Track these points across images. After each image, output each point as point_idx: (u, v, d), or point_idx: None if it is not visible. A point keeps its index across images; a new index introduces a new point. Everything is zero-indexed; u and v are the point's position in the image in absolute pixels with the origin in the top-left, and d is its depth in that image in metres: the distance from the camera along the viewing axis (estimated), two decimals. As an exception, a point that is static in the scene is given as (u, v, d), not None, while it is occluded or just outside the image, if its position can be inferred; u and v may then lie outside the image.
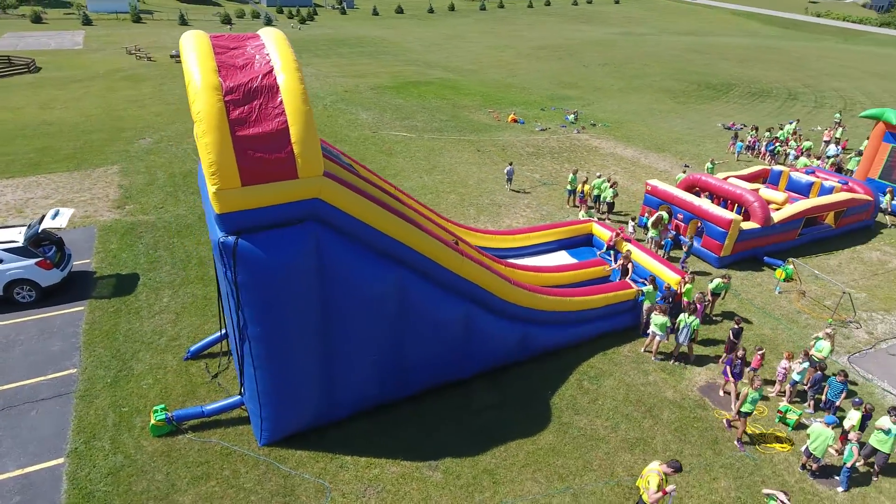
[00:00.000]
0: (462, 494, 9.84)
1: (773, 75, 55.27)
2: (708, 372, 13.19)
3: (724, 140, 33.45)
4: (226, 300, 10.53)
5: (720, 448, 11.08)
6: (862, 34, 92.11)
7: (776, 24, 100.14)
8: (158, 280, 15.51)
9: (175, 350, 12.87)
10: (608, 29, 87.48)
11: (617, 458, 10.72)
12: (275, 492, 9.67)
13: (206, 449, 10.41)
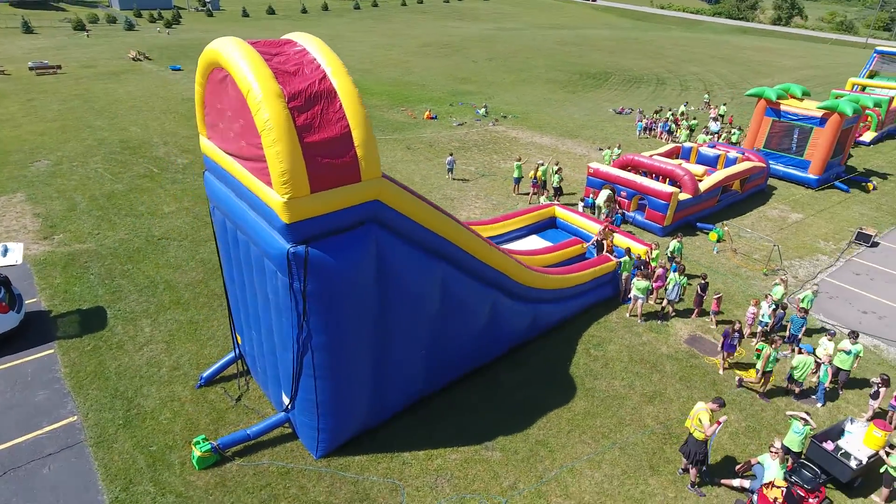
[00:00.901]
0: (525, 467, 10.43)
1: (641, 63, 61.11)
2: (685, 326, 14.88)
3: (620, 124, 36.71)
4: (259, 315, 10.20)
5: (720, 388, 12.70)
6: (699, 23, 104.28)
7: (629, 16, 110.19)
8: (129, 310, 14.26)
9: (181, 380, 12.05)
10: (483, 25, 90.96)
11: (643, 411, 11.90)
12: (349, 499, 9.61)
13: (261, 472, 10.02)
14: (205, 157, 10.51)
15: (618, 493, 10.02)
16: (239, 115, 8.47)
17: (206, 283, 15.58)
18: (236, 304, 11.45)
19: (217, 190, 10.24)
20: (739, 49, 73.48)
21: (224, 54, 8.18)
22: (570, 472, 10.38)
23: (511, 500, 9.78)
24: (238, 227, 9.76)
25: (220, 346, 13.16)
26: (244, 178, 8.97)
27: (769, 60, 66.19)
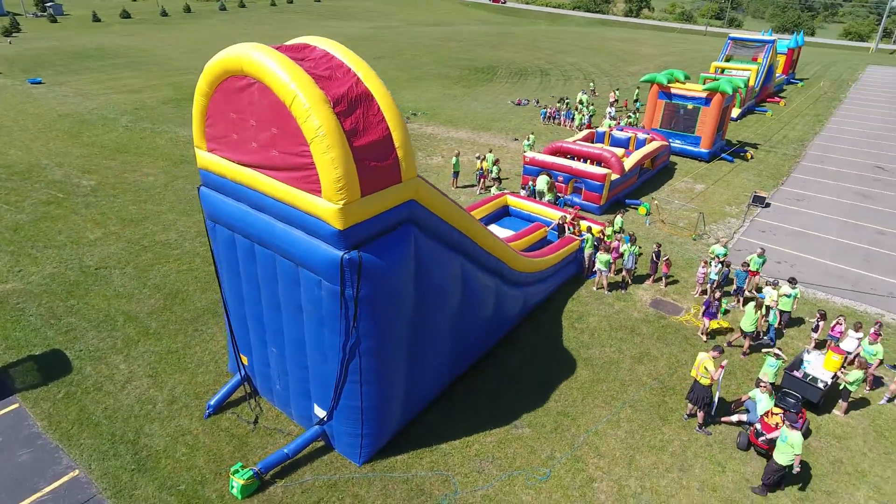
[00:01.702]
0: (555, 438, 11.13)
1: (522, 56, 64.27)
2: (646, 292, 16.42)
3: (523, 114, 38.61)
4: (284, 330, 9.90)
5: (693, 341, 14.28)
6: (563, 17, 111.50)
7: (500, 11, 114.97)
8: (93, 349, 12.93)
9: (184, 412, 11.26)
10: (361, 24, 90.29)
11: (637, 371, 13.09)
12: (407, 497, 9.70)
13: (308, 489, 9.78)
14: (203, 173, 9.93)
15: (641, 445, 11.04)
16: (270, 123, 8.19)
17: (171, 310, 14.50)
18: (243, 322, 10.92)
19: (224, 205, 9.74)
20: (605, 40, 79.75)
21: (255, 61, 7.87)
22: (596, 434, 11.25)
23: (553, 469, 10.43)
24: (259, 241, 9.38)
25: (212, 371, 12.42)
26: (272, 189, 8.68)
27: (632, 49, 72.60)
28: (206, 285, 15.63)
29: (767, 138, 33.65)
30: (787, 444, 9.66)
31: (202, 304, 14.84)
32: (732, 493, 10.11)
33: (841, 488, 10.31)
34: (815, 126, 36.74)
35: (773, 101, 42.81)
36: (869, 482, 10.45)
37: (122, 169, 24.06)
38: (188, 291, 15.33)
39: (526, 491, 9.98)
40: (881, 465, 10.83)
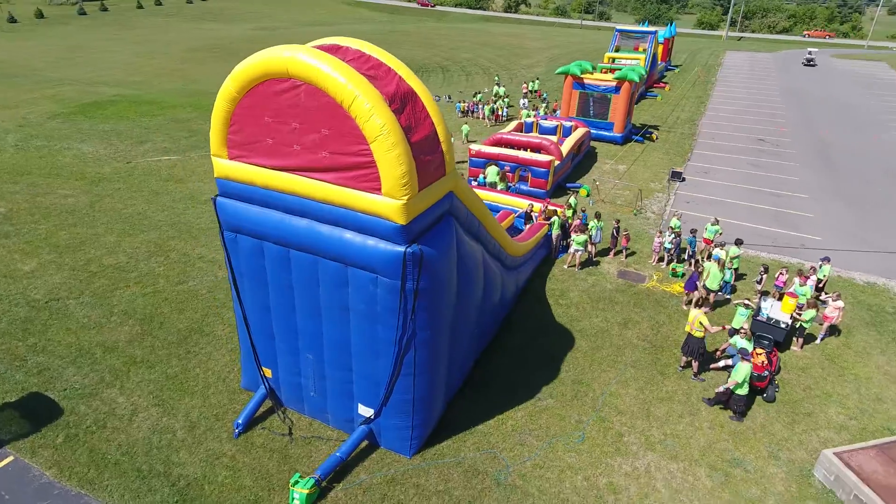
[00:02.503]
0: (578, 403, 11.99)
1: (419, 54, 65.10)
2: (609, 265, 17.83)
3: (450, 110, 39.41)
4: (324, 333, 9.85)
5: (665, 302, 15.82)
6: (446, 14, 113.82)
7: (382, 10, 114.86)
8: (78, 386, 11.83)
9: (210, 436, 10.75)
10: (244, 25, 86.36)
11: (626, 335, 14.32)
12: (465, 479, 10.07)
13: (369, 488, 9.83)
14: (222, 182, 9.57)
15: (652, 398, 12.21)
16: (320, 125, 8.17)
17: (153, 335, 13.55)
18: (267, 334, 10.62)
19: (250, 214, 9.46)
20: (493, 35, 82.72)
21: (305, 63, 7.83)
22: (612, 395, 12.26)
23: (585, 431, 11.27)
24: (298, 246, 9.24)
25: (224, 391, 11.88)
26: (317, 191, 8.64)
27: (520, 44, 76.04)
28: (181, 305, 14.74)
29: (663, 120, 37.16)
30: (735, 370, 11.32)
31: (184, 325, 14.01)
32: (737, 425, 11.55)
33: (817, 409, 12.13)
34: (699, 107, 41.08)
35: (660, 86, 47.15)
36: (835, 400, 12.38)
37: (32, 193, 21.62)
38: (164, 314, 14.37)
39: (568, 454, 10.73)
40: (840, 386, 12.84)
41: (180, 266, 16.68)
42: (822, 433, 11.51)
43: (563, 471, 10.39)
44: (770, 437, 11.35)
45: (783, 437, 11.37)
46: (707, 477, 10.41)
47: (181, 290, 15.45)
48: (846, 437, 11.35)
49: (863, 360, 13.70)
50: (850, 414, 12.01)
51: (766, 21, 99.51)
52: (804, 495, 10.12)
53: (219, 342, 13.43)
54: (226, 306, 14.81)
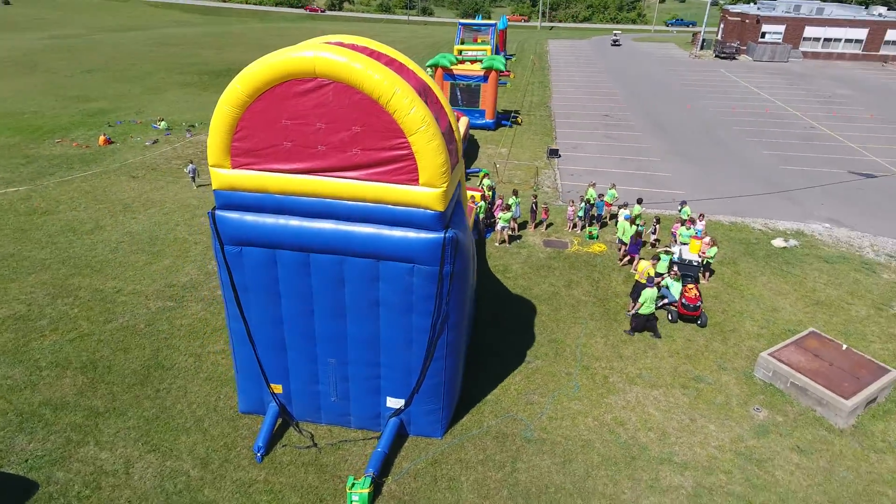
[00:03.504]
0: (562, 359, 13.25)
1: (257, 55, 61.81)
2: (532, 237, 19.43)
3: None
4: (348, 334, 9.88)
5: (592, 261, 17.78)
6: (269, 14, 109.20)
7: (196, 11, 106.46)
8: (42, 452, 10.22)
9: (230, 467, 10.09)
10: (34, 34, 74.59)
11: (574, 294, 15.94)
12: (499, 444, 10.77)
13: (416, 474, 10.10)
14: (224, 194, 9.06)
15: (617, 343, 13.92)
16: (351, 123, 8.22)
17: (104, 381, 12.05)
18: (277, 349, 10.21)
19: (259, 224, 9.10)
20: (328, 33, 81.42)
21: (336, 61, 7.85)
22: (585, 346, 13.72)
23: (579, 380, 12.58)
24: (321, 249, 9.10)
25: (222, 420, 11.11)
26: (346, 189, 8.67)
27: (357, 41, 75.95)
28: (122, 345, 13.21)
29: (520, 105, 40.31)
30: (647, 298, 13.59)
31: (136, 364, 12.63)
32: (688, 350, 13.71)
33: (736, 326, 14.79)
34: (545, 91, 45.15)
35: (505, 74, 50.66)
36: (746, 317, 15.19)
37: None
38: (106, 358, 12.78)
39: (572, 403, 11.94)
40: (744, 305, 15.74)
41: (98, 304, 14.79)
42: (747, 343, 14.12)
43: (573, 417, 11.56)
44: (714, 354, 13.66)
45: (722, 352, 13.76)
46: (683, 395, 12.31)
47: (113, 328, 13.79)
48: (764, 343, 14.06)
49: (752, 283, 16.88)
50: (760, 324, 14.86)
51: (570, 11, 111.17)
52: (754, 391, 12.47)
53: (188, 373, 12.38)
54: (175, 337, 13.60)
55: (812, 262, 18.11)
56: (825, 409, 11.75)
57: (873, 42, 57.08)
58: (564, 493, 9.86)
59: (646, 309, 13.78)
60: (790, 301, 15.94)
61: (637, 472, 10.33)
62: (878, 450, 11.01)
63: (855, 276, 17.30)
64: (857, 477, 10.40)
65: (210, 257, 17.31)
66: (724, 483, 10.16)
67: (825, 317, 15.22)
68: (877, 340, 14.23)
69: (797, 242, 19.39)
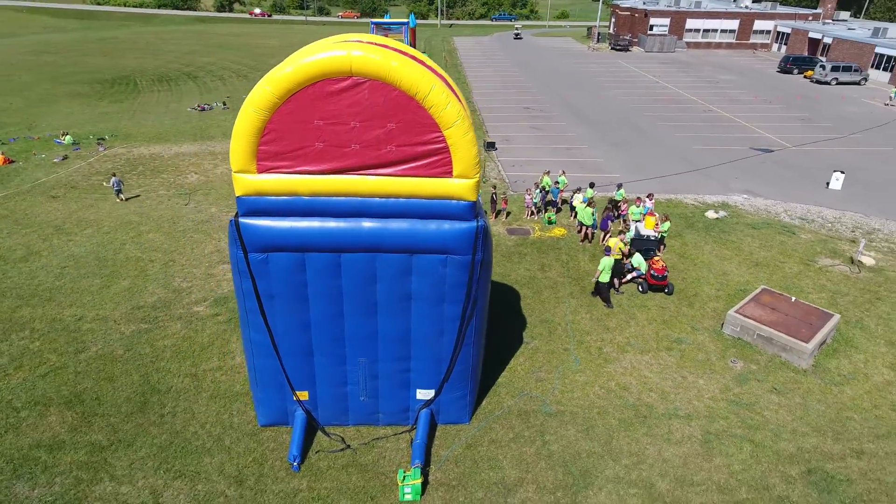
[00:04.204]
0: (555, 337, 13.99)
1: (150, 62, 58.15)
2: (494, 227, 20.10)
3: (224, 117, 36.75)
4: (379, 330, 9.97)
5: (557, 244, 18.72)
6: (154, 16, 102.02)
7: (68, 16, 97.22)
8: (54, 495, 9.40)
9: (268, 480, 9.85)
10: None
11: (550, 276, 16.78)
12: (524, 421, 11.30)
13: (455, 459, 10.40)
14: (249, 201, 8.84)
15: (601, 316, 14.89)
16: (386, 119, 8.34)
17: (97, 414, 11.19)
18: (304, 354, 10.05)
19: (288, 229, 8.95)
20: (223, 36, 77.72)
21: (373, 59, 7.95)
22: (574, 323, 14.57)
23: (577, 354, 13.37)
24: (355, 247, 9.12)
25: (242, 436, 10.73)
26: (380, 186, 8.78)
27: (260, 43, 73.19)
28: (105, 374, 12.29)
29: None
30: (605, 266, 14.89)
31: (128, 391, 11.82)
32: (663, 316, 14.96)
33: (697, 291, 16.29)
34: (464, 87, 46.10)
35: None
36: (703, 282, 16.77)
37: None
38: (88, 388, 11.84)
39: (577, 374, 12.70)
40: (699, 272, 17.35)
41: (61, 334, 13.59)
42: (710, 305, 15.63)
43: (582, 388, 12.33)
44: (685, 318, 15.01)
45: (692, 314, 15.16)
46: (669, 356, 13.48)
47: (88, 358, 12.77)
48: (723, 303, 15.63)
49: (699, 252, 18.60)
50: (716, 287, 16.48)
51: (466, 9, 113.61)
52: (726, 346, 13.90)
53: (189, 395, 11.78)
54: (161, 359, 12.85)
55: (742, 230, 20.24)
56: (789, 354, 13.36)
57: (744, 32, 63.65)
58: (596, 456, 10.56)
59: (604, 276, 14.96)
60: (734, 265, 17.78)
61: (652, 429, 11.26)
62: (836, 383, 12.72)
63: (780, 239, 19.57)
64: (827, 407, 11.99)
65: (173, 275, 16.36)
66: (726, 427, 11.34)
67: (766, 275, 17.15)
68: (813, 291, 16.29)
69: (726, 213, 21.54)
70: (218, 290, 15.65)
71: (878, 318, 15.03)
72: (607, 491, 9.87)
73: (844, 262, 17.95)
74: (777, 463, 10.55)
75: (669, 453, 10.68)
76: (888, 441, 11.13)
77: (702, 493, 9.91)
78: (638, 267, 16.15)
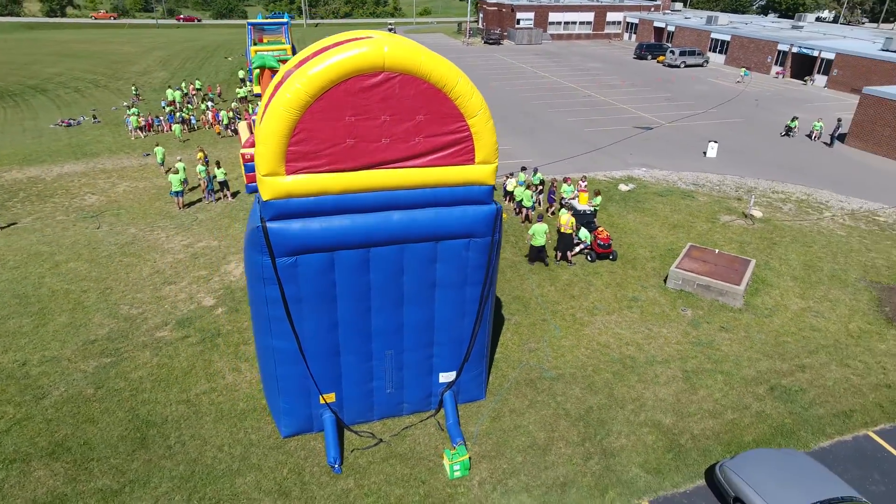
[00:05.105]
0: (532, 310, 14.99)
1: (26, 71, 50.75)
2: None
3: (101, 131, 33.34)
4: (404, 321, 10.27)
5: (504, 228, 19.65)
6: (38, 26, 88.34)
7: None
8: (78, 551, 8.51)
9: (314, 489, 9.73)
10: None
11: (505, 256, 17.75)
12: (533, 388, 12.11)
13: (485, 433, 10.94)
14: (277, 204, 8.69)
15: (563, 287, 16.14)
16: (415, 112, 8.63)
17: (93, 459, 10.19)
18: (331, 354, 10.00)
19: (319, 229, 8.92)
20: (66, 43, 69.40)
21: (403, 54, 8.22)
22: (543, 297, 15.65)
23: (556, 321, 14.45)
24: (385, 240, 9.29)
25: (268, 451, 10.39)
26: (409, 177, 9.04)
27: (112, 49, 66.41)
28: (83, 417, 11.14)
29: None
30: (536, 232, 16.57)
31: (119, 429, 10.85)
32: (615, 280, 16.57)
33: (635, 254, 18.18)
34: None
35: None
36: (638, 246, 18.71)
37: None
38: (70, 435, 10.69)
39: (562, 341, 13.78)
40: (631, 237, 19.30)
41: (9, 384, 12.02)
42: (649, 265, 17.55)
43: (571, 351, 13.42)
44: (633, 279, 16.75)
45: (638, 275, 16.94)
46: (631, 313, 15.05)
47: (55, 403, 11.48)
48: (659, 262, 17.64)
49: (625, 221, 20.64)
50: (649, 249, 18.49)
51: (330, 8, 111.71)
52: (673, 298, 15.79)
53: (190, 421, 11.10)
54: (142, 391, 11.90)
55: (652, 198, 22.73)
56: (725, 297, 15.53)
57: (599, 23, 69.73)
58: (605, 407, 11.67)
59: (537, 241, 16.60)
60: (656, 228, 20.01)
61: (641, 376, 12.63)
62: (766, 315, 15.05)
63: (685, 203, 22.29)
64: (766, 336, 14.19)
65: (117, 303, 14.97)
66: (698, 365, 13.04)
67: (684, 234, 19.55)
68: (725, 243, 18.89)
69: (634, 185, 24.01)
70: (175, 313, 14.62)
71: (780, 260, 17.88)
72: (626, 434, 11.01)
73: (740, 217, 20.95)
74: (746, 386, 12.39)
75: (663, 393, 12.10)
76: (818, 355, 13.50)
77: (699, 420, 11.41)
78: (584, 239, 17.66)
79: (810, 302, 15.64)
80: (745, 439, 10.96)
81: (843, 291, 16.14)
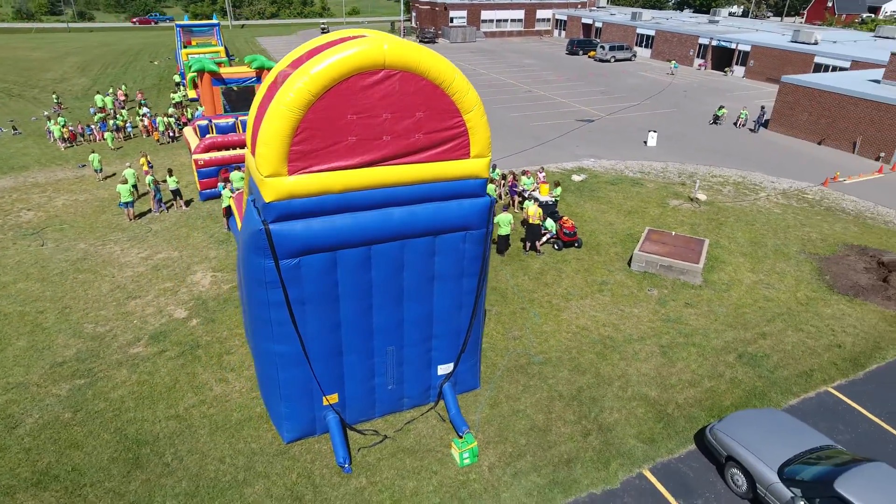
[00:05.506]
0: (510, 300, 15.40)
1: None
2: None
3: (22, 143, 31.06)
4: (405, 315, 10.42)
5: (468, 224, 20.07)
6: None
7: None
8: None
9: (326, 489, 9.70)
10: None
11: (476, 251, 18.07)
12: (525, 373, 12.53)
13: (487, 421, 11.22)
14: (279, 206, 8.60)
15: (536, 275, 16.67)
16: (415, 109, 8.76)
17: (86, 485, 9.70)
18: (333, 354, 9.98)
19: (322, 228, 8.90)
20: (-36, 50, 63.89)
21: (403, 52, 8.33)
22: (518, 286, 16.10)
23: (534, 309, 14.93)
24: (386, 236, 9.38)
25: (271, 458, 10.22)
26: (409, 173, 9.18)
27: (20, 55, 61.61)
28: (66, 442, 10.54)
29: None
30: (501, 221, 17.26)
31: (108, 451, 10.35)
32: (583, 266, 17.27)
33: (598, 241, 18.98)
34: (295, 87, 44.82)
35: (241, 75, 48.25)
36: (599, 232, 19.54)
37: None
38: (55, 462, 10.10)
39: (543, 327, 14.28)
40: (592, 225, 20.12)
41: (-27, 415, 11.18)
42: (612, 250, 18.40)
43: (553, 336, 13.93)
44: (599, 264, 17.52)
45: (603, 260, 17.73)
46: (603, 297, 15.76)
47: (31, 431, 10.80)
48: (619, 247, 18.52)
49: (583, 209, 21.48)
50: (610, 235, 19.36)
51: (255, 8, 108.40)
52: (639, 279, 16.65)
53: (184, 437, 10.74)
54: (126, 410, 11.40)
55: (604, 187, 23.75)
56: (686, 276, 16.54)
57: (530, 20, 71.50)
58: (594, 385, 12.23)
59: (503, 230, 17.29)
60: (613, 216, 20.96)
61: (623, 354, 13.30)
62: (723, 290, 16.17)
63: (635, 190, 23.44)
64: (727, 309, 15.26)
65: (80, 322, 14.16)
66: (671, 340, 13.87)
67: (639, 220, 20.59)
68: (678, 226, 20.06)
69: (586, 176, 24.98)
70: (146, 328, 14.01)
71: (728, 238, 19.20)
72: (617, 409, 11.60)
73: (686, 201, 22.27)
74: (717, 355, 13.31)
75: (644, 369, 12.80)
76: (775, 323, 14.66)
77: (681, 391, 12.17)
78: (550, 229, 18.27)
79: (760, 275, 16.92)
80: (724, 404, 11.81)
81: (787, 264, 17.56)
